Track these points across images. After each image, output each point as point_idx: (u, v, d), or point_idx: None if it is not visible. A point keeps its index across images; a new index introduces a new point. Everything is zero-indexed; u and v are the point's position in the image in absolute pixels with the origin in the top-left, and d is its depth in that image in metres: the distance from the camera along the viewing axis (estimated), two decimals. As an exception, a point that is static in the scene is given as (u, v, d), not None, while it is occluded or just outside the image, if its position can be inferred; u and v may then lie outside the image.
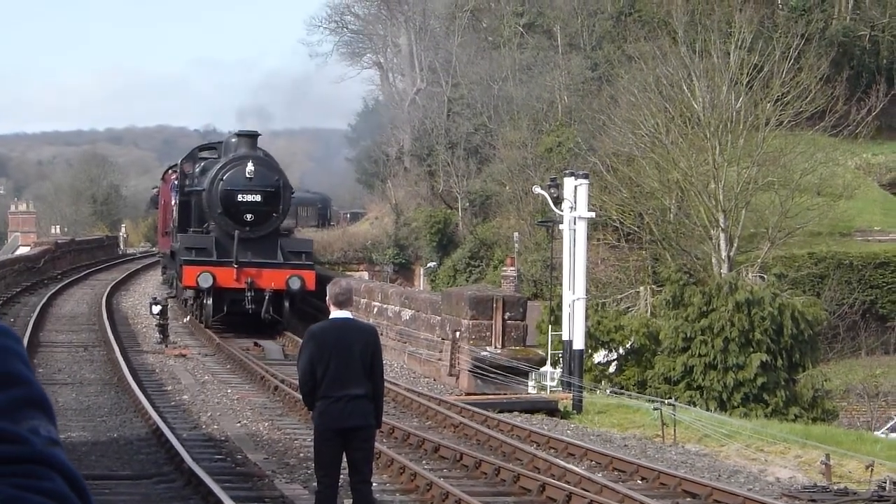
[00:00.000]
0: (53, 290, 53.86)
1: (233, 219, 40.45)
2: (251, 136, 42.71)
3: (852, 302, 66.50)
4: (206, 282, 39.30)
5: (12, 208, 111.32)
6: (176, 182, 46.41)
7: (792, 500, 18.74)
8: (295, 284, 39.88)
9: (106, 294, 51.37)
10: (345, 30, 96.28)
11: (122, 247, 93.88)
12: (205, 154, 45.29)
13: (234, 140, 42.95)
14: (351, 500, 13.86)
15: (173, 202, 47.15)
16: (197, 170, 44.25)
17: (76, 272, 66.04)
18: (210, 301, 39.83)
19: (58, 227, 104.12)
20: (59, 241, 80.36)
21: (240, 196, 40.49)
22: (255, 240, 40.52)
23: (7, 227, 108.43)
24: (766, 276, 53.14)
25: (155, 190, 64.21)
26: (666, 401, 30.27)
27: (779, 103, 57.62)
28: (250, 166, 40.56)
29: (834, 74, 67.81)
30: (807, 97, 59.24)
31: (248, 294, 39.42)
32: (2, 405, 1.39)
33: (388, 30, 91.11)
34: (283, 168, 44.58)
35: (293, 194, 44.86)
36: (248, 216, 40.55)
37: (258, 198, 40.65)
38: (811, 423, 39.48)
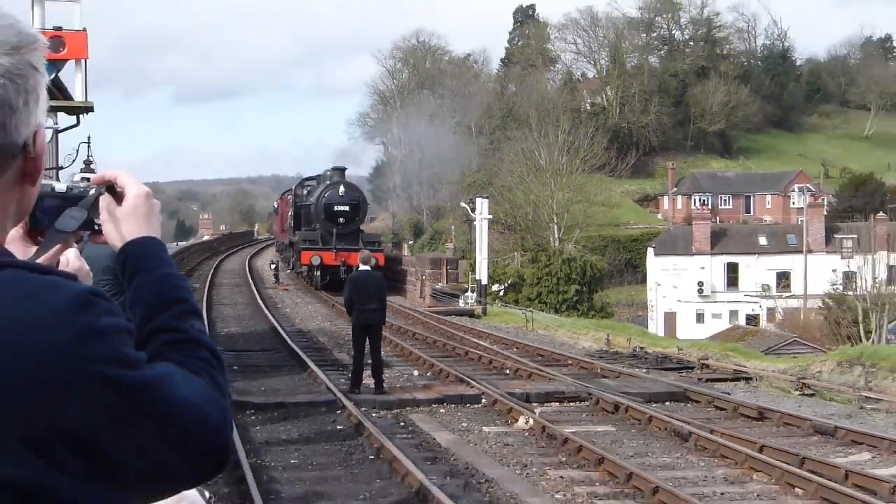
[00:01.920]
0: (221, 258, 53.35)
1: (331, 221, 35.35)
2: (341, 170, 37.83)
3: (620, 259, 67.19)
4: (316, 261, 34.55)
5: (200, 217, 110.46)
6: (290, 199, 42.55)
7: (590, 356, 18.80)
8: (371, 262, 34.66)
9: (247, 260, 51.04)
10: (365, 125, 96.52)
11: (256, 235, 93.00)
12: (308, 182, 40.62)
13: (328, 172, 37.88)
14: (370, 362, 13.80)
15: (288, 212, 42.94)
16: (305, 192, 39.76)
17: (232, 249, 65.47)
18: (318, 273, 34.95)
19: (223, 226, 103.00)
20: (223, 233, 79.87)
21: (335, 207, 35.38)
22: (345, 234, 35.22)
23: (199, 226, 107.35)
24: (576, 247, 53.44)
25: (275, 204, 61.59)
26: (528, 309, 30.40)
27: (583, 160, 57.82)
28: (342, 188, 35.71)
29: (610, 146, 68.40)
30: (597, 157, 59.56)
31: (342, 268, 33.94)
32: (174, 313, 1.37)
33: (387, 125, 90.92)
34: None
35: (367, 205, 39.38)
36: (341, 220, 35.27)
37: (347, 208, 35.37)
38: (601, 319, 39.70)
